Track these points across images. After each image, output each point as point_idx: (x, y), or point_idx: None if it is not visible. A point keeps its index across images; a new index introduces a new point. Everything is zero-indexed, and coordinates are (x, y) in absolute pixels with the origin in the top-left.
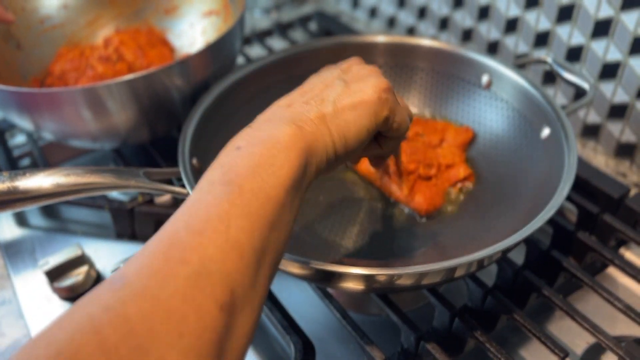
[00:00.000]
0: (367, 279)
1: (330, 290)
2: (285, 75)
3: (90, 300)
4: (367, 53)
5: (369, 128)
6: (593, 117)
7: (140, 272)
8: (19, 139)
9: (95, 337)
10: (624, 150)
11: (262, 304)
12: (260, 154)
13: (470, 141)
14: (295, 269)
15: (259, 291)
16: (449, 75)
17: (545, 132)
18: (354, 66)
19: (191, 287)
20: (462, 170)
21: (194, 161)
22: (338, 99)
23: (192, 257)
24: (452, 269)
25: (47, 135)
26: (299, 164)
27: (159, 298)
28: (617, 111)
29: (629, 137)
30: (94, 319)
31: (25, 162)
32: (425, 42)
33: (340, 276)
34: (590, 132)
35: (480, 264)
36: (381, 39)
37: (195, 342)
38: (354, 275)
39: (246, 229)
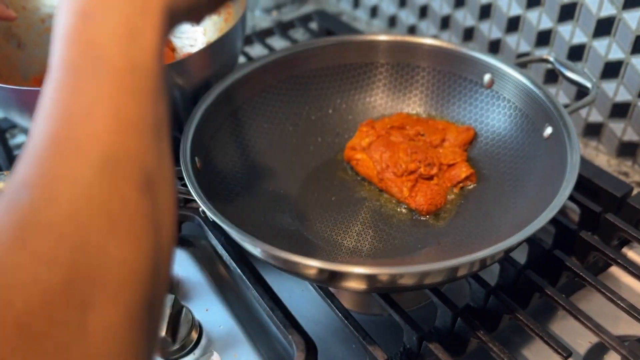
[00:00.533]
0: (369, 278)
1: (332, 289)
2: (286, 74)
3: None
4: (369, 52)
5: None
6: (595, 116)
7: (43, 175)
8: (20, 139)
9: (25, 251)
10: (626, 150)
11: (174, 177)
12: (119, 22)
13: (472, 140)
14: (297, 268)
15: (167, 164)
16: (451, 74)
17: (548, 131)
18: None
19: (104, 177)
20: (463, 170)
21: (196, 160)
22: None
23: (93, 148)
24: (455, 269)
25: None
26: (162, 23)
27: (75, 198)
28: (619, 110)
29: (631, 136)
30: (16, 237)
31: None
32: (427, 41)
33: (343, 276)
34: (592, 131)
35: (483, 263)
36: (383, 38)
37: (130, 227)
38: (356, 275)
39: (135, 107)
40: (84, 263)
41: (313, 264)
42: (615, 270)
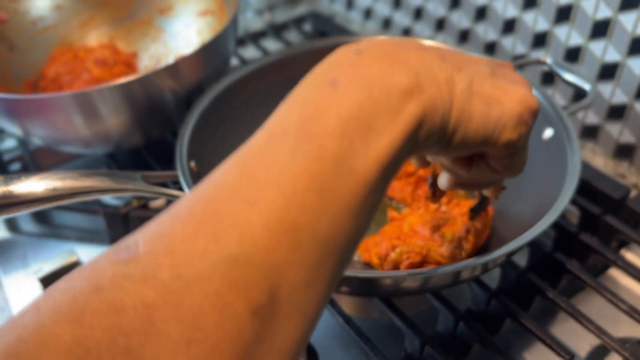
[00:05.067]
0: (372, 282)
1: (332, 294)
2: (282, 77)
3: (85, 271)
4: None
5: (487, 137)
6: (592, 118)
7: (155, 245)
8: (8, 143)
9: (70, 328)
10: (622, 152)
11: (319, 312)
12: (360, 104)
13: None
14: None
15: (317, 294)
16: None
17: (547, 133)
18: (507, 67)
19: (219, 277)
20: None
21: (192, 164)
22: (478, 79)
23: (230, 236)
24: (457, 273)
25: (37, 141)
26: (406, 135)
27: (170, 287)
28: (616, 112)
29: (627, 138)
30: (76, 300)
31: (16, 166)
32: (425, 43)
33: (345, 280)
34: (589, 133)
35: (485, 267)
36: (380, 39)
37: (208, 355)
38: (359, 279)
39: (312, 209)
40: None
41: None
42: (613, 272)
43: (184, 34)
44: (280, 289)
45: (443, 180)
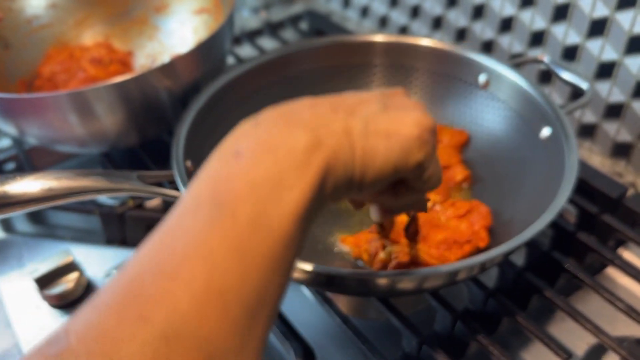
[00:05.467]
0: (369, 282)
1: (329, 294)
2: (278, 75)
3: None
4: (363, 53)
5: (397, 166)
6: (589, 117)
7: (85, 334)
8: (3, 142)
9: None
10: (619, 150)
11: None
12: (266, 168)
13: (465, 143)
14: (294, 273)
15: (251, 353)
16: (447, 75)
17: (545, 132)
18: (398, 95)
19: (151, 358)
20: (458, 172)
21: (188, 163)
22: (372, 118)
23: (157, 314)
24: (454, 272)
25: (32, 141)
26: (314, 187)
27: None
28: (613, 111)
29: (624, 136)
30: None
31: (10, 166)
32: (423, 41)
33: (342, 280)
34: (586, 132)
35: (482, 267)
36: (378, 38)
37: None
38: (356, 279)
39: (236, 274)
40: None
41: (311, 269)
42: (611, 271)
43: (179, 33)
44: (214, 359)
45: (373, 212)
